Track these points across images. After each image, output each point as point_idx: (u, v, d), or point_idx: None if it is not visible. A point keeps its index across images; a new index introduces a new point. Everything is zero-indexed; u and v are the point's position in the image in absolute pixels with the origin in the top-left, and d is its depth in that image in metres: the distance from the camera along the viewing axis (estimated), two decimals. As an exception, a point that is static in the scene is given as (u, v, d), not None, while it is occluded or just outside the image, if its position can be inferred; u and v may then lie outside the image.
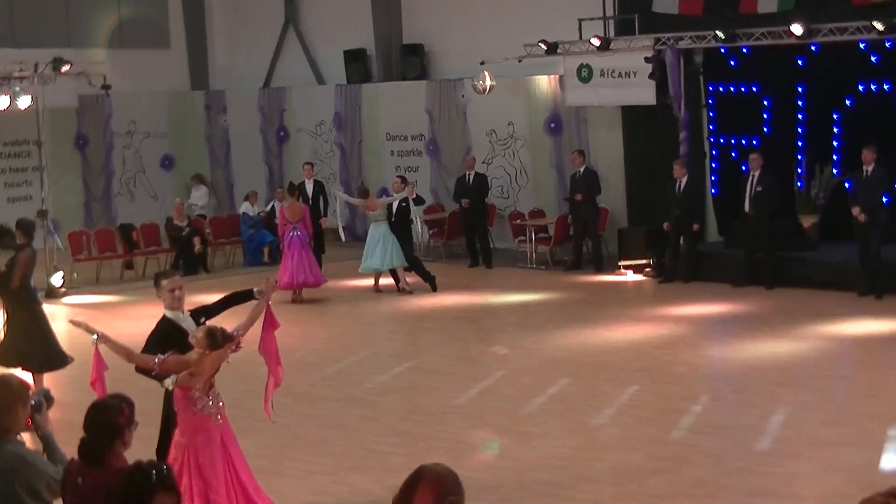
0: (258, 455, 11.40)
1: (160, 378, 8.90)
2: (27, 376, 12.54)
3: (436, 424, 12.25)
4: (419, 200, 21.74)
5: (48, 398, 6.39)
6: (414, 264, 20.32)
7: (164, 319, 9.39)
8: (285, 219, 19.96)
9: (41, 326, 13.59)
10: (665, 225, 20.26)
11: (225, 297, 9.74)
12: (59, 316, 19.80)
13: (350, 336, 17.16)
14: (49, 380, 13.22)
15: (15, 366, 12.96)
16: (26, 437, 6.24)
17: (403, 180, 20.78)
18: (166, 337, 9.12)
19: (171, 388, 8.92)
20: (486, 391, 13.60)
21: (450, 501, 4.24)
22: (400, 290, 20.17)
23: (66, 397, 13.03)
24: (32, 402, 6.20)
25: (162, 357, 8.70)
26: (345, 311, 19.30)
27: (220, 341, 8.60)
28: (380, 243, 19.99)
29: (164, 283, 9.43)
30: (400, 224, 20.25)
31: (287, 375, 14.55)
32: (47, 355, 13.46)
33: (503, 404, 12.93)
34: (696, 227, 20.19)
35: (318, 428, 12.31)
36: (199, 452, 8.69)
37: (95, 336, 8.79)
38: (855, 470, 10.22)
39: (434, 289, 20.08)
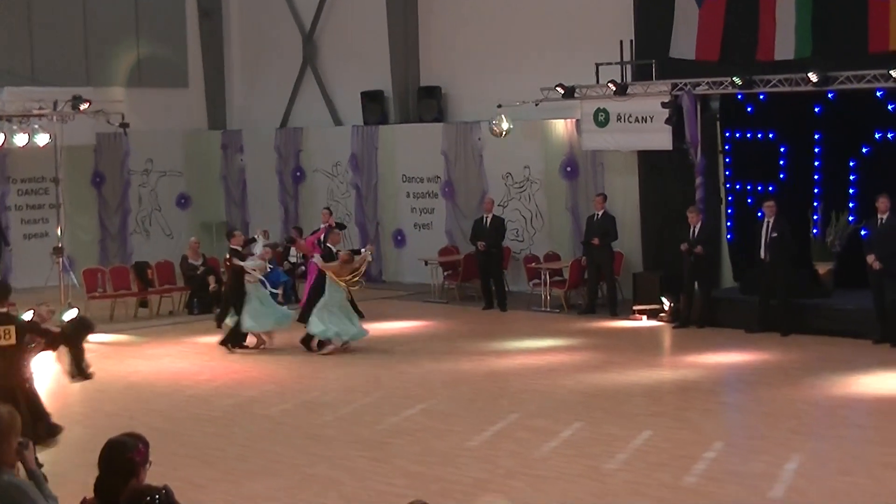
0: (270, 496, 11.38)
1: None
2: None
3: (447, 467, 12.20)
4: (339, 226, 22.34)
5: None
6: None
7: None
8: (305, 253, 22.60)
9: None
10: (683, 245, 20.08)
11: None
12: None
13: (363, 377, 17.13)
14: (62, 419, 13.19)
15: None
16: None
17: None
18: None
19: None
20: (498, 434, 13.54)
21: None
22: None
23: (83, 434, 13.06)
24: (20, 440, 6.36)
25: None
26: (359, 352, 19.27)
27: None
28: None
29: None
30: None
31: (299, 416, 14.67)
32: None
33: (516, 447, 12.87)
34: (698, 249, 19.98)
35: (329, 469, 12.26)
36: None
37: None
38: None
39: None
